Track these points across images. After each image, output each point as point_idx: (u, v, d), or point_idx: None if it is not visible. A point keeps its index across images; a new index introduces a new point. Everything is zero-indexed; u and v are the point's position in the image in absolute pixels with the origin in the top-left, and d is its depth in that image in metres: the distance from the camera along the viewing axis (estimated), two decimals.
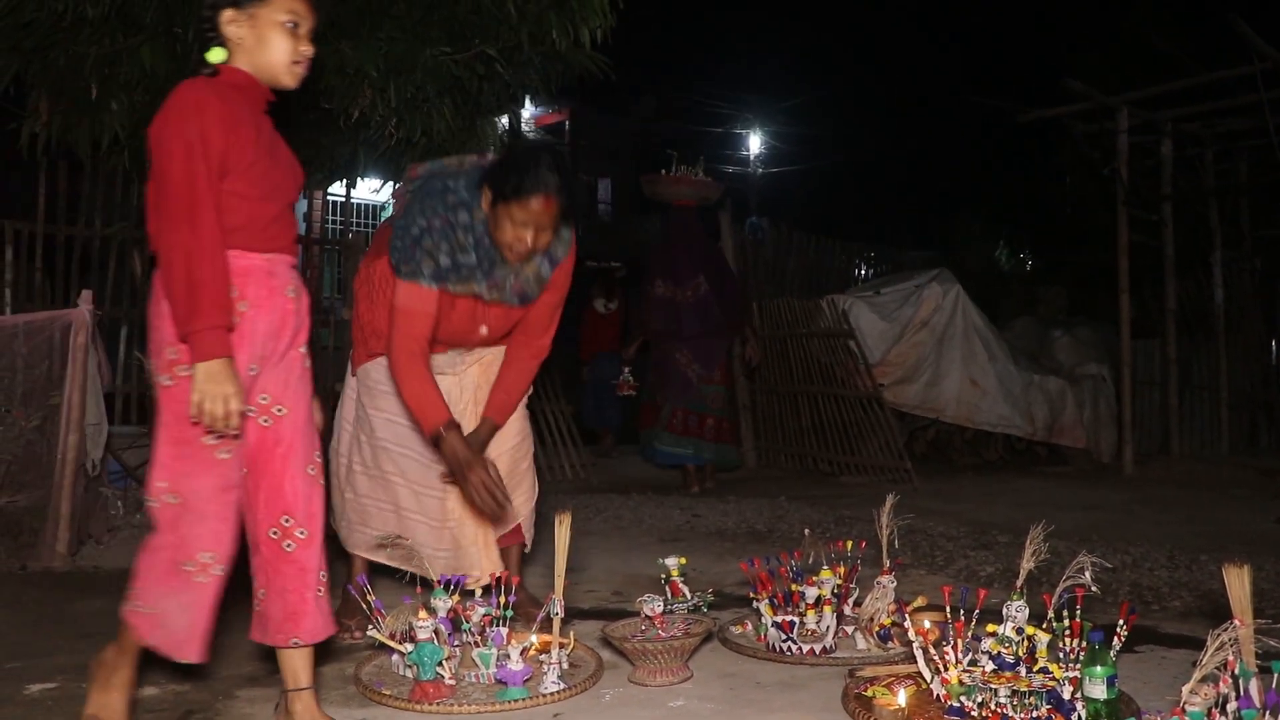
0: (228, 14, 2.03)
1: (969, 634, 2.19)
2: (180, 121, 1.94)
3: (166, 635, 2.03)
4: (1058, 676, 2.05)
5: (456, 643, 2.46)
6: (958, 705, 2.09)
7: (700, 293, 6.08)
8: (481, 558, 2.93)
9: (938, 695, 2.16)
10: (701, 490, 6.10)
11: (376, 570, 3.03)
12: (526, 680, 2.35)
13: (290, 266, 2.12)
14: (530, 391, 3.04)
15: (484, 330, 2.83)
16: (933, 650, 2.18)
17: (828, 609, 2.66)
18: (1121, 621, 2.13)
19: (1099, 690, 2.02)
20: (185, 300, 1.89)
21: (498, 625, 2.47)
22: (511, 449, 3.01)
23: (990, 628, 2.16)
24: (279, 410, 2.10)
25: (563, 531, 2.68)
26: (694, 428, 6.07)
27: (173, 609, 2.02)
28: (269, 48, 2.06)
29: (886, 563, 2.77)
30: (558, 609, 2.56)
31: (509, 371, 2.90)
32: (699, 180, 6.19)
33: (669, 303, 6.10)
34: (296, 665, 2.12)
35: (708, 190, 6.28)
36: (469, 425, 2.86)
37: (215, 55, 2.05)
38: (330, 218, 9.91)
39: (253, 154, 2.00)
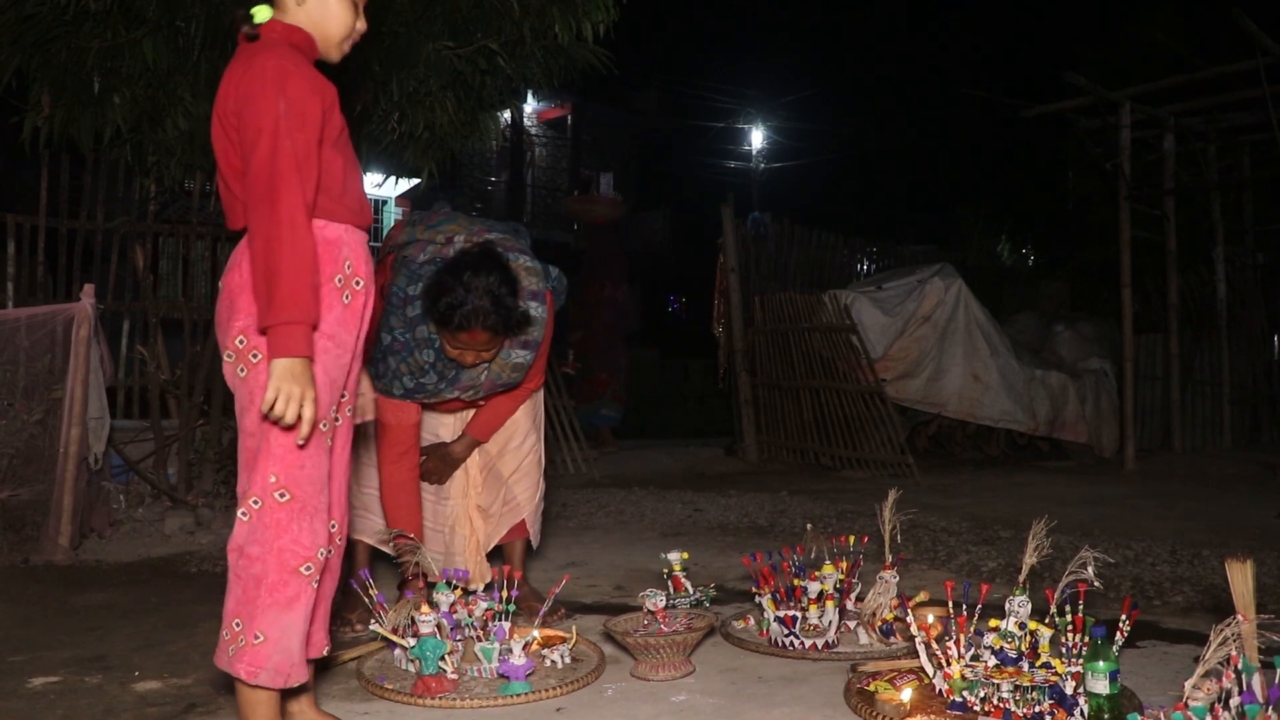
0: None
1: (971, 629, 2.19)
2: (268, 93, 1.74)
3: (284, 659, 1.81)
4: (1060, 671, 2.05)
5: (459, 637, 2.46)
6: (960, 700, 2.10)
7: (628, 295, 8.16)
8: (471, 565, 2.93)
9: (940, 690, 2.16)
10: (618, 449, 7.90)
11: (378, 564, 3.03)
12: (529, 674, 2.35)
13: None
14: (540, 390, 3.08)
15: (481, 402, 2.89)
16: (935, 645, 2.18)
17: (830, 604, 2.66)
18: (1124, 616, 2.12)
19: (1101, 685, 2.02)
20: (264, 291, 1.70)
21: (500, 620, 2.47)
22: (515, 448, 3.05)
23: (993, 623, 2.16)
24: (350, 410, 1.97)
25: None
26: (622, 398, 8.20)
27: (285, 626, 1.80)
28: (331, 17, 1.86)
29: (889, 557, 2.77)
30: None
31: (500, 398, 2.92)
32: (610, 199, 8.49)
33: (614, 301, 7.99)
34: None
35: (619, 209, 8.38)
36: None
37: (261, 14, 1.83)
38: None
39: (341, 120, 1.84)
